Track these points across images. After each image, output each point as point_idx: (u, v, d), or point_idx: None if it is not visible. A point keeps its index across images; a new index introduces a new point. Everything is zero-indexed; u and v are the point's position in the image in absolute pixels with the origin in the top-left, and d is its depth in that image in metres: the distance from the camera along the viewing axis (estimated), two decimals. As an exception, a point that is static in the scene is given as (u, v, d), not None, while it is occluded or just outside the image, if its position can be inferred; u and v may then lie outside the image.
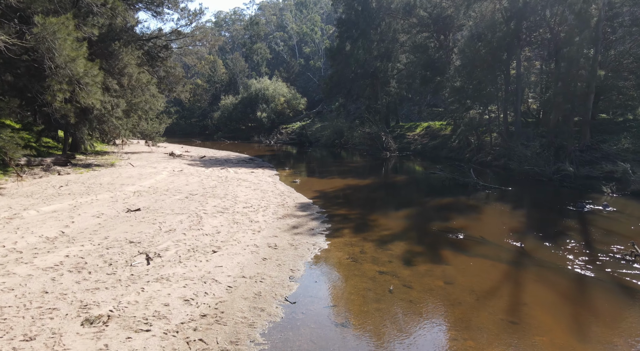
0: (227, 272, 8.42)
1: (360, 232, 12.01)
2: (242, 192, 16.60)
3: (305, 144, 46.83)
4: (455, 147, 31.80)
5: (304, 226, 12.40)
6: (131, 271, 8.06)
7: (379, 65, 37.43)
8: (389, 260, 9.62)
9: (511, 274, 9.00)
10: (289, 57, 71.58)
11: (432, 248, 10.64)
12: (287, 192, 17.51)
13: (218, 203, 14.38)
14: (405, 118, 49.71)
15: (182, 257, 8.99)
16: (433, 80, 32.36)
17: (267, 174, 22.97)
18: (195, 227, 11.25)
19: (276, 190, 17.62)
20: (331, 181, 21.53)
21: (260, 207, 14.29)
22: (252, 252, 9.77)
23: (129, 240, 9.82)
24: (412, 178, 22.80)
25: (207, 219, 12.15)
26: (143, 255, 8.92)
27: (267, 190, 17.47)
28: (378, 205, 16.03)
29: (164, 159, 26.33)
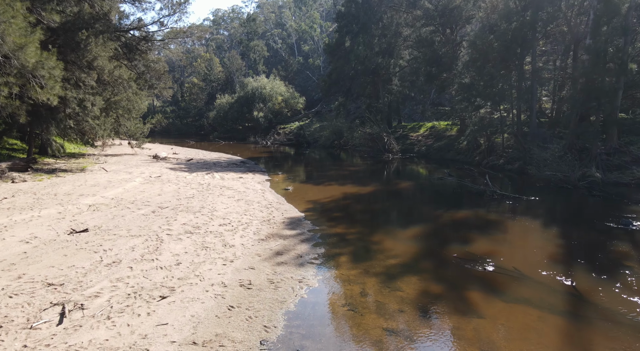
0: (171, 335, 5.85)
1: (360, 260, 9.43)
2: (223, 204, 14.02)
3: (303, 145, 44.27)
4: (463, 149, 29.21)
5: (290, 251, 9.83)
6: (27, 338, 5.49)
7: (381, 61, 34.81)
8: (399, 309, 7.04)
9: (571, 334, 6.41)
10: (288, 55, 68.94)
11: (455, 287, 8.05)
12: (276, 203, 14.95)
13: (189, 219, 11.81)
14: (408, 118, 47.10)
15: (114, 309, 6.42)
16: (439, 77, 29.74)
17: (256, 180, 20.40)
18: (150, 257, 8.67)
19: (263, 201, 15.05)
20: (328, 188, 18.96)
21: (241, 225, 11.72)
22: (217, 295, 7.21)
23: (49, 281, 7.24)
24: (418, 185, 20.23)
25: (168, 244, 9.58)
26: (59, 306, 6.36)
27: (252, 201, 14.90)
28: (382, 220, 13.44)
29: (145, 163, 23.77)
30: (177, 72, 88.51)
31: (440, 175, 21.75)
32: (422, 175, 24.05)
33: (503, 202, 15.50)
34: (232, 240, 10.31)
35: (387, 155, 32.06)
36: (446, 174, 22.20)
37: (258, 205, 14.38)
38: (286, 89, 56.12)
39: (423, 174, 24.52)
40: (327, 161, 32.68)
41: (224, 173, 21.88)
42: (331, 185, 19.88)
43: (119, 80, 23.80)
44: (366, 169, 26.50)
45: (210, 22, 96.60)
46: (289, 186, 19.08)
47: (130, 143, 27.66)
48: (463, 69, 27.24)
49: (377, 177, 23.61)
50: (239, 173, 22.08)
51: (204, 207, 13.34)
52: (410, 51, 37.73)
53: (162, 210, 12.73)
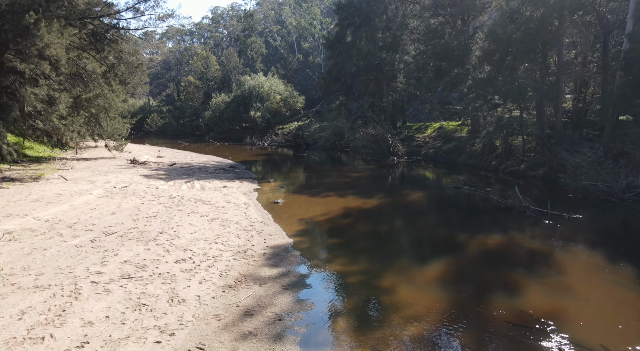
0: None
1: (367, 328, 6.31)
2: (191, 227, 10.91)
3: (302, 147, 41.15)
4: (476, 152, 26.03)
5: (265, 309, 6.72)
6: None
7: (385, 56, 31.61)
8: None
9: None
10: (287, 52, 65.76)
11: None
12: (260, 223, 11.84)
13: (136, 253, 8.70)
14: (413, 118, 43.89)
15: None
16: (449, 73, 26.55)
17: (243, 190, 17.29)
18: (40, 333, 5.56)
19: (244, 221, 11.94)
20: (325, 201, 15.82)
21: (206, 260, 8.63)
22: None
23: None
24: (431, 197, 17.06)
25: (86, 301, 6.48)
26: None
27: (230, 221, 11.79)
28: (392, 250, 10.29)
29: (118, 169, 20.67)
30: (174, 70, 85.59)
31: (456, 184, 18.59)
32: (433, 183, 20.88)
33: (539, 220, 12.35)
34: (185, 288, 7.20)
35: (391, 158, 28.92)
36: (461, 182, 19.06)
37: (236, 227, 11.27)
38: (285, 88, 53.01)
39: (434, 181, 21.36)
40: (327, 165, 29.53)
41: (207, 181, 18.77)
42: (329, 196, 16.75)
43: (92, 75, 20.77)
44: (369, 175, 23.35)
45: (209, 20, 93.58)
46: (279, 198, 15.96)
47: (107, 145, 24.61)
48: (478, 62, 24.08)
49: (382, 185, 20.46)
50: (225, 181, 18.97)
51: (163, 232, 10.22)
52: (417, 46, 34.56)
53: (106, 237, 9.61)
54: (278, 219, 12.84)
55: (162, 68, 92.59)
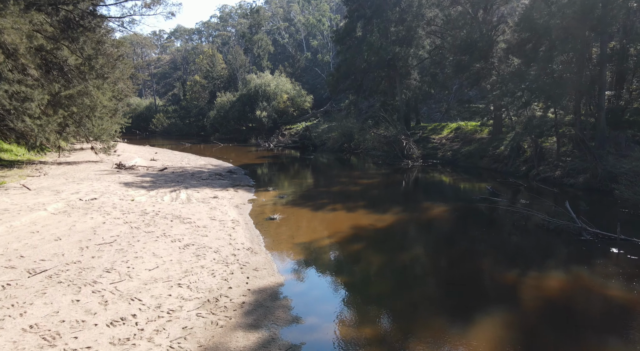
0: None
1: None
2: (153, 259, 8.24)
3: (309, 148, 38.44)
4: (501, 156, 23.05)
5: None
6: None
7: (398, 51, 28.72)
8: None
9: None
10: (295, 50, 62.99)
11: None
12: (246, 251, 9.15)
13: (57, 308, 6.05)
14: (426, 118, 40.91)
15: None
16: (470, 68, 23.58)
17: (235, 201, 14.62)
18: None
19: (227, 248, 9.25)
20: (331, 217, 13.08)
21: (157, 317, 5.97)
22: None
23: None
24: (457, 212, 14.18)
25: None
26: None
27: (208, 248, 9.11)
28: (421, 301, 7.50)
29: (98, 175, 18.11)
30: (180, 70, 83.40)
31: (483, 195, 15.71)
32: (455, 192, 17.99)
33: (605, 248, 9.46)
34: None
35: (405, 161, 26.06)
36: (489, 191, 16.20)
37: (214, 257, 8.58)
38: (292, 87, 50.25)
39: (456, 190, 18.47)
40: (334, 169, 26.77)
41: (196, 190, 16.12)
42: (336, 209, 13.99)
43: (74, 70, 18.29)
44: (382, 182, 20.53)
45: (217, 19, 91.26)
46: (276, 212, 13.25)
47: (93, 148, 22.13)
48: (504, 55, 21.14)
49: (397, 195, 17.66)
50: (217, 190, 16.32)
51: (112, 269, 7.56)
52: (432, 39, 31.60)
53: (28, 279, 6.98)
54: (271, 244, 10.12)
55: (170, 67, 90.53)
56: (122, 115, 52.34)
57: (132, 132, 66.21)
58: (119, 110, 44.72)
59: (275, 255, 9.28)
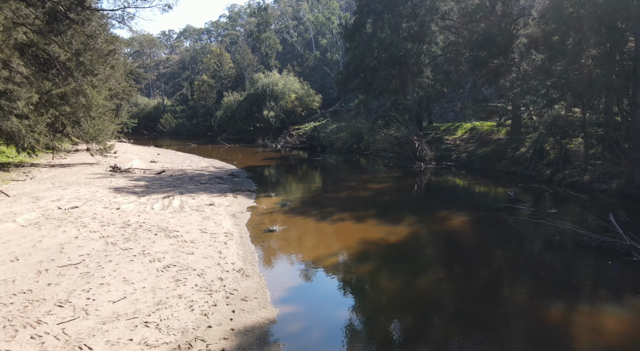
0: None
1: None
2: (122, 286, 6.84)
3: (317, 149, 36.96)
4: (521, 158, 21.36)
5: None
6: None
7: (410, 47, 27.12)
8: None
9: None
10: (303, 49, 61.50)
11: None
12: (237, 274, 7.73)
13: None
14: (439, 118, 39.20)
15: None
16: (488, 64, 21.88)
17: (233, 209, 13.22)
18: None
19: (214, 269, 7.84)
20: (337, 228, 11.59)
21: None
22: None
23: None
24: (479, 222, 12.58)
25: None
26: None
27: (192, 269, 7.71)
28: (448, 345, 6.00)
29: (89, 179, 16.83)
30: (188, 69, 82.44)
31: (507, 203, 14.10)
32: (475, 199, 16.37)
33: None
34: None
35: (418, 163, 24.47)
36: (512, 198, 14.60)
37: (196, 283, 7.17)
38: (300, 86, 48.81)
39: (475, 196, 16.85)
40: (343, 172, 25.28)
41: (192, 195, 14.75)
42: (343, 219, 12.50)
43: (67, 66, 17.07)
44: (393, 186, 18.99)
45: (227, 18, 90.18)
46: (277, 222, 11.82)
47: (89, 149, 20.90)
48: (525, 50, 19.46)
49: (411, 202, 16.12)
50: (215, 196, 14.94)
51: (65, 303, 6.17)
52: (446, 36, 29.91)
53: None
54: (266, 263, 8.69)
55: (179, 67, 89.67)
56: (127, 115, 51.28)
57: (140, 132, 65.35)
58: (122, 109, 43.71)
59: (270, 279, 7.83)
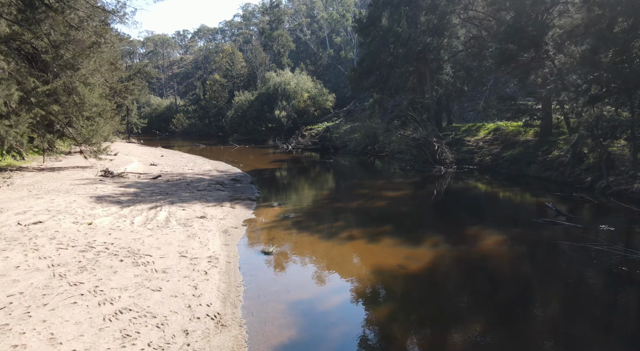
0: None
1: None
2: (47, 347, 4.93)
3: (329, 150, 34.96)
4: (555, 162, 19.00)
5: None
6: None
7: (430, 42, 24.89)
8: None
9: None
10: (317, 47, 59.44)
11: None
12: (209, 323, 5.83)
13: None
14: (458, 118, 36.77)
15: None
16: (517, 58, 19.55)
17: (227, 223, 11.30)
18: None
19: (183, 314, 5.92)
20: (345, 252, 9.57)
21: None
22: None
23: None
24: (517, 242, 10.40)
25: None
26: None
27: (152, 316, 5.81)
28: None
29: (74, 185, 15.11)
30: (201, 69, 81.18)
31: (546, 217, 11.88)
32: (507, 210, 14.12)
33: None
34: None
35: (437, 167, 22.27)
36: (552, 211, 12.37)
37: (153, 337, 5.27)
38: (313, 85, 46.83)
39: (506, 206, 14.59)
40: (356, 176, 23.23)
41: (183, 206, 12.89)
42: (353, 238, 10.46)
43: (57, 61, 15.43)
44: (411, 195, 16.86)
45: (240, 17, 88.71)
46: (275, 242, 9.88)
47: (82, 152, 19.27)
48: (560, 41, 17.14)
49: (433, 214, 13.99)
50: (209, 206, 13.06)
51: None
52: (468, 29, 27.59)
53: None
54: (253, 304, 6.72)
55: (192, 67, 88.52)
56: (137, 115, 49.92)
57: (152, 132, 64.28)
58: (131, 109, 42.19)
59: (253, 330, 5.87)
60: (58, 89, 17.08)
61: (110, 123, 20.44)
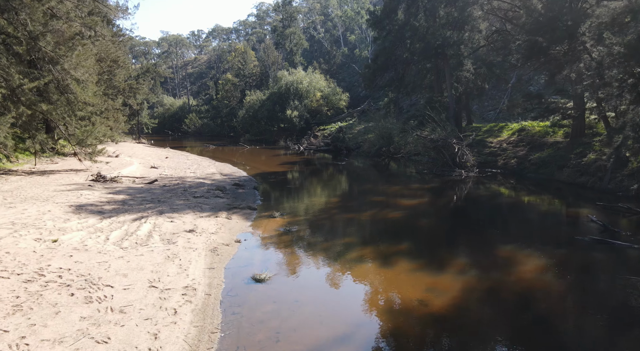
0: None
1: None
2: None
3: (342, 152, 33.21)
4: (590, 167, 16.93)
5: None
6: None
7: (450, 36, 22.93)
8: None
9: None
10: (331, 45, 57.64)
11: None
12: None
13: None
14: (478, 118, 34.57)
15: None
16: (548, 52, 17.52)
17: (218, 238, 9.69)
18: None
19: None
20: (353, 279, 7.84)
21: None
22: None
23: None
24: (562, 269, 8.52)
25: None
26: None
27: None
28: None
29: (57, 192, 13.69)
30: (214, 69, 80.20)
31: (593, 235, 9.96)
32: (541, 224, 12.16)
33: None
34: None
35: (458, 171, 20.37)
36: (597, 225, 10.46)
37: None
38: (327, 84, 45.11)
39: (540, 219, 12.62)
40: (370, 180, 21.46)
41: (172, 217, 11.32)
42: (365, 259, 8.73)
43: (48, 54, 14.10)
44: (431, 203, 15.03)
45: (254, 17, 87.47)
46: (269, 265, 8.24)
47: (77, 154, 17.95)
48: (599, 31, 15.07)
49: (456, 228, 12.14)
50: (202, 217, 11.48)
51: None
52: (490, 22, 25.51)
53: None
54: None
55: (206, 67, 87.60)
56: (147, 115, 48.85)
57: (165, 132, 63.38)
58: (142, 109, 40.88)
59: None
60: (50, 87, 15.77)
61: (106, 123, 19.03)
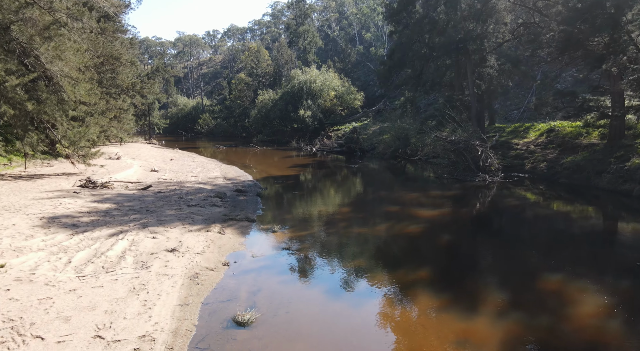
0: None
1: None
2: None
3: (356, 153, 31.44)
4: (635, 173, 14.81)
5: None
6: None
7: (472, 28, 20.92)
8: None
9: None
10: (345, 43, 55.76)
11: None
12: None
13: None
14: (500, 117, 32.34)
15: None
16: (585, 43, 15.43)
17: (201, 261, 8.06)
18: None
19: None
20: (363, 321, 6.09)
21: None
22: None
23: None
24: (632, 312, 6.71)
25: None
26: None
27: None
28: None
29: (36, 199, 12.26)
30: (228, 68, 79.13)
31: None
32: (589, 243, 10.15)
33: None
34: None
35: (481, 176, 18.41)
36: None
37: None
38: (341, 83, 43.35)
39: (586, 235, 10.62)
40: (384, 185, 19.64)
41: (156, 230, 9.76)
42: (377, 294, 6.98)
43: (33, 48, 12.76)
44: (453, 214, 13.15)
45: (269, 16, 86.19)
46: (257, 299, 6.54)
47: (69, 157, 16.61)
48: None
49: (488, 248, 10.24)
50: (192, 230, 9.89)
51: None
52: (516, 15, 23.40)
53: None
54: None
55: (221, 67, 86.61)
56: (158, 115, 47.64)
57: (178, 133, 62.48)
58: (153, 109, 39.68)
59: None
60: (40, 84, 14.43)
61: (108, 124, 17.63)
